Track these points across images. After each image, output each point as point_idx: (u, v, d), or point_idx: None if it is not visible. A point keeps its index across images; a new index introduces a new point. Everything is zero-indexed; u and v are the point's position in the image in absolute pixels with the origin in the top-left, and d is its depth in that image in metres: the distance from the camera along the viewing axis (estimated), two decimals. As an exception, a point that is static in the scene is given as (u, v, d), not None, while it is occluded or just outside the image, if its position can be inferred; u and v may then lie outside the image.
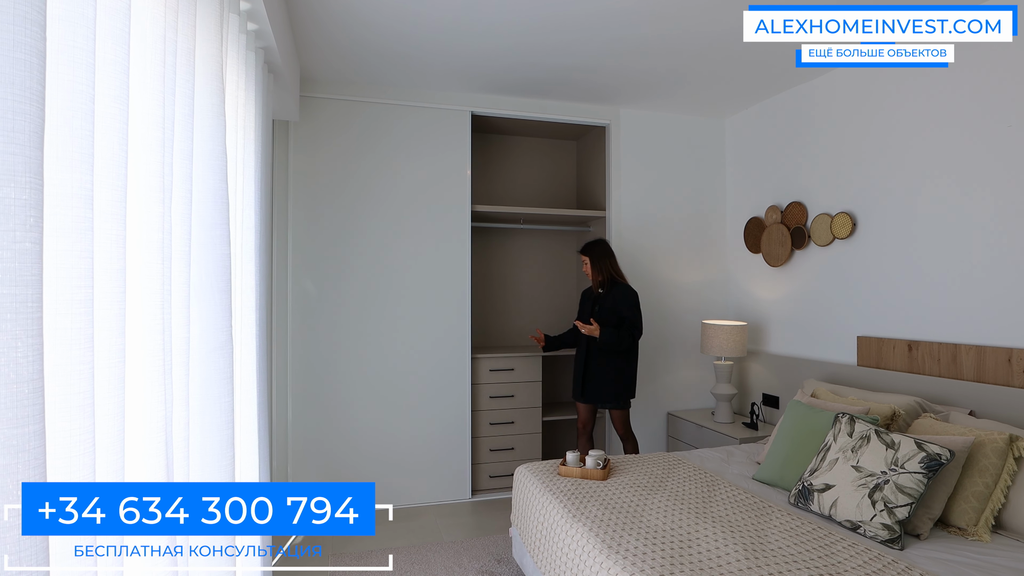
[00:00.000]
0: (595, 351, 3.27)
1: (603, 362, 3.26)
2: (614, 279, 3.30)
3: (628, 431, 3.37)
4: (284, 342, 3.41)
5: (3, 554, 0.60)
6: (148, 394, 1.01)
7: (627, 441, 3.39)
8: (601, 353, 3.25)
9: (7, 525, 0.58)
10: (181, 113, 1.23)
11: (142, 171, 1.02)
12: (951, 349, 2.58)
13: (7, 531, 0.59)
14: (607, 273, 3.30)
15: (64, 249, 0.73)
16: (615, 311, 3.22)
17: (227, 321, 1.48)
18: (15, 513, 0.59)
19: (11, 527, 0.59)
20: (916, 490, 1.87)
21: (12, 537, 0.60)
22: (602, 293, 3.31)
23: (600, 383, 3.27)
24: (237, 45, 1.82)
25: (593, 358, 3.28)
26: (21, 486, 0.60)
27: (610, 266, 3.31)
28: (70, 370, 0.74)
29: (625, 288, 3.27)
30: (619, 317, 3.21)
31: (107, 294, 0.86)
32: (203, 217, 1.41)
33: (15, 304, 0.60)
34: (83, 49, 0.77)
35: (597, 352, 3.26)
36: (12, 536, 0.60)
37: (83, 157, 0.77)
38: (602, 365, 3.26)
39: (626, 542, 1.85)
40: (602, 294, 3.31)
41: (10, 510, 0.58)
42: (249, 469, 1.93)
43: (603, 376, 3.26)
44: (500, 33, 2.83)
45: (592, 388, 3.30)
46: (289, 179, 3.43)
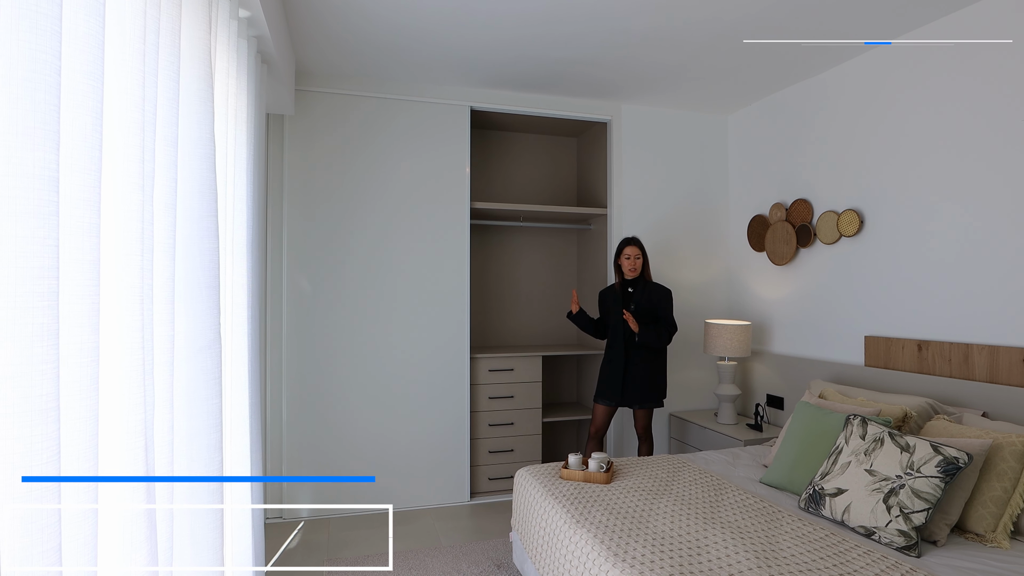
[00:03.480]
0: (634, 351, 3.21)
1: (643, 362, 3.21)
2: (645, 278, 3.29)
3: (649, 431, 3.32)
4: (279, 341, 3.33)
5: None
6: (126, 396, 0.94)
7: (645, 441, 3.33)
8: (638, 353, 3.20)
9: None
10: (164, 96, 1.16)
11: (120, 155, 0.94)
12: (963, 349, 2.52)
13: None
14: (647, 271, 3.30)
15: (24, 235, 0.66)
16: (651, 310, 3.21)
17: (215, 319, 1.40)
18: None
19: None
20: (933, 495, 1.81)
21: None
22: (632, 292, 3.27)
23: (642, 383, 3.21)
24: (228, 31, 1.74)
25: (633, 358, 3.22)
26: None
27: (648, 264, 3.31)
28: (31, 370, 0.67)
29: (661, 287, 3.27)
30: (654, 316, 3.21)
31: (78, 286, 0.79)
32: (189, 208, 1.33)
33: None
34: (48, 15, 0.70)
35: (635, 352, 3.21)
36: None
37: (47, 134, 0.69)
38: (641, 365, 3.21)
39: (633, 549, 1.78)
40: (632, 292, 3.27)
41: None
42: (240, 472, 1.85)
43: (644, 376, 3.21)
44: (500, 25, 2.76)
45: (633, 389, 3.22)
46: (284, 174, 3.35)
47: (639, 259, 3.25)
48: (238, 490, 1.86)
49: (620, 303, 3.29)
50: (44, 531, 0.67)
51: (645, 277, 3.29)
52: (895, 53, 2.87)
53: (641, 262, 3.25)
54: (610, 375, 3.27)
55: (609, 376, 3.28)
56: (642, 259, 3.26)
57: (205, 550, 1.36)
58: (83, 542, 0.80)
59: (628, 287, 3.30)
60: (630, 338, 3.22)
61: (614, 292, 3.34)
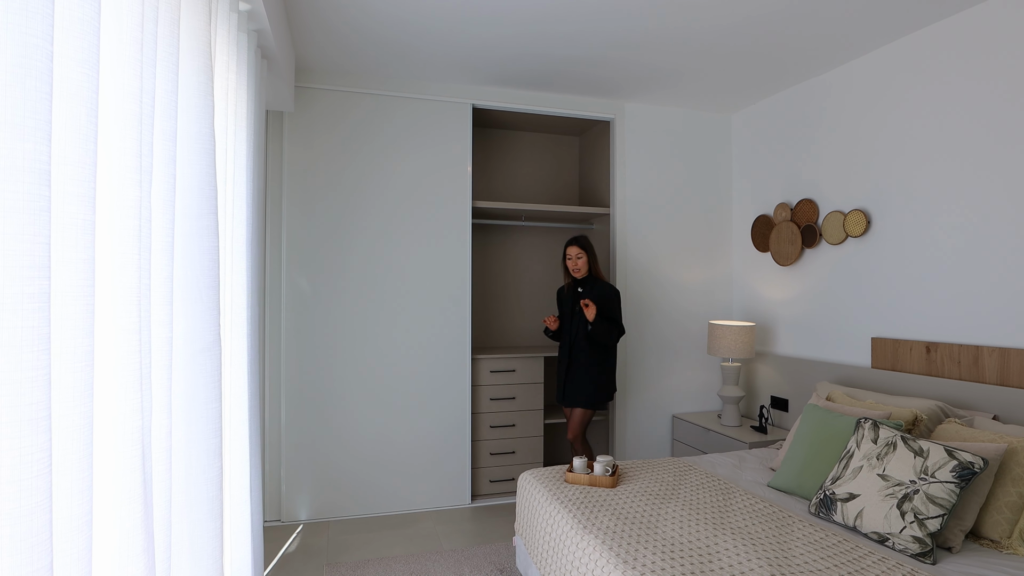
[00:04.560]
0: (578, 350, 3.20)
1: (587, 361, 3.18)
2: (595, 277, 3.24)
3: (582, 435, 3.25)
4: (278, 342, 3.28)
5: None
6: (122, 402, 0.89)
7: (580, 445, 3.25)
8: (583, 352, 3.18)
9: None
10: (163, 88, 1.11)
11: (116, 148, 0.90)
12: (972, 351, 2.48)
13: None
14: (594, 270, 3.25)
15: (12, 233, 0.61)
16: (599, 308, 3.14)
17: (215, 320, 1.36)
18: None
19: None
20: (948, 501, 1.77)
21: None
22: (582, 291, 3.23)
23: (582, 383, 3.18)
24: (228, 24, 1.70)
25: (577, 358, 3.20)
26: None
27: (596, 263, 3.26)
28: (20, 377, 0.62)
29: (610, 286, 3.21)
30: (602, 314, 3.13)
31: (71, 287, 0.74)
32: (188, 205, 1.28)
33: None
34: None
35: (580, 352, 3.19)
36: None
37: (37, 124, 0.64)
38: (585, 365, 3.18)
39: (642, 556, 1.74)
40: (582, 292, 3.23)
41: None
42: (240, 479, 1.80)
43: (586, 376, 3.18)
44: (503, 22, 2.71)
45: (572, 388, 3.21)
46: (283, 171, 3.30)
47: (581, 258, 3.21)
48: (238, 495, 1.81)
49: (569, 303, 3.29)
50: (34, 549, 0.63)
51: (595, 276, 3.24)
52: (901, 52, 2.83)
53: (585, 261, 3.21)
54: (557, 376, 3.32)
55: (557, 378, 3.33)
56: (586, 258, 3.22)
57: (205, 558, 1.32)
58: (77, 557, 0.75)
59: (578, 286, 3.27)
60: (576, 337, 3.20)
61: (567, 291, 3.33)
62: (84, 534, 0.76)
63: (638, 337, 3.87)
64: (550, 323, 3.26)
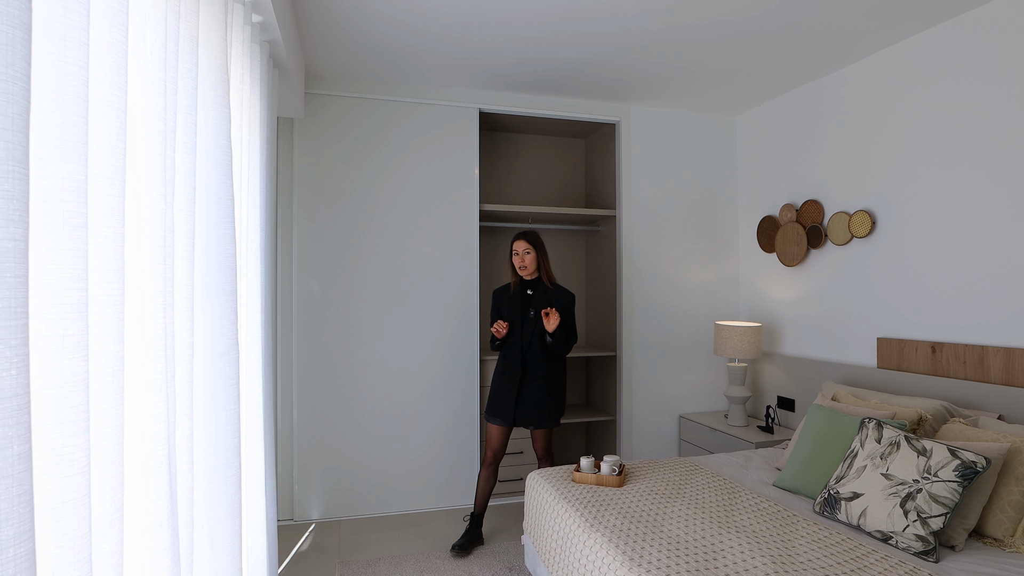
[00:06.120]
0: (532, 361, 2.88)
1: (542, 376, 2.88)
2: (547, 278, 2.95)
3: (549, 452, 2.98)
4: (289, 344, 3.34)
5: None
6: (149, 404, 0.94)
7: (546, 462, 3.00)
8: (538, 365, 2.88)
9: (4, 558, 0.51)
10: (184, 104, 1.16)
11: (142, 164, 0.95)
12: (977, 351, 2.50)
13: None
14: (543, 270, 2.94)
15: (54, 247, 0.66)
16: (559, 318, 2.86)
17: (233, 324, 1.41)
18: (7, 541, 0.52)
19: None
20: (951, 499, 1.79)
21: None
22: (533, 294, 2.94)
23: (538, 401, 2.87)
24: (242, 36, 1.75)
25: (531, 372, 2.88)
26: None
27: (546, 262, 2.95)
28: (61, 382, 0.67)
29: (565, 291, 2.93)
30: (562, 323, 2.88)
31: (104, 296, 0.79)
32: (207, 215, 1.33)
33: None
34: (76, 27, 0.70)
35: (534, 364, 2.88)
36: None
37: (75, 146, 0.69)
38: (540, 380, 2.87)
39: (648, 553, 1.77)
40: (533, 295, 2.94)
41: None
42: (255, 478, 1.85)
43: (541, 393, 2.87)
44: (509, 26, 2.76)
45: (527, 407, 2.88)
46: (294, 177, 3.36)
47: (530, 254, 2.88)
48: (254, 494, 1.86)
49: (519, 306, 2.95)
50: (76, 542, 0.68)
51: (548, 277, 2.94)
52: (907, 53, 2.85)
53: (533, 258, 2.89)
54: (503, 390, 2.92)
55: (501, 391, 2.92)
56: (535, 255, 2.89)
57: (224, 553, 1.37)
58: (110, 550, 0.80)
59: (527, 289, 2.97)
60: (529, 349, 2.88)
61: (509, 294, 3.00)
62: (116, 528, 0.81)
63: (645, 338, 3.90)
64: (499, 331, 2.84)
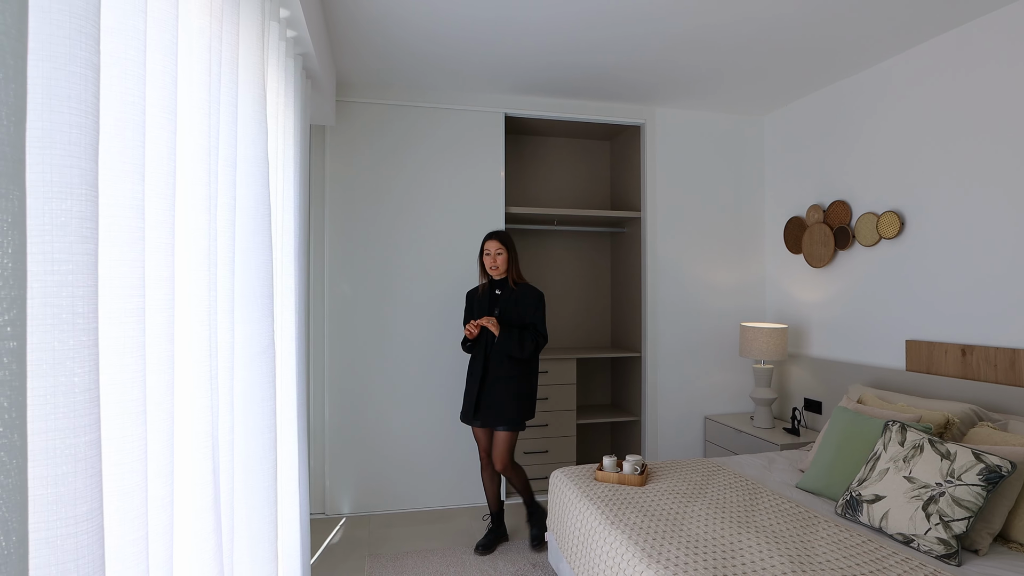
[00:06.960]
0: (494, 363, 2.88)
1: (505, 376, 2.86)
2: (515, 279, 2.95)
3: (511, 461, 2.89)
4: (321, 345, 3.46)
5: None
6: (196, 400, 1.03)
7: (512, 473, 2.90)
8: (501, 365, 2.86)
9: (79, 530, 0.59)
10: (226, 121, 1.25)
11: (189, 180, 1.03)
12: (1009, 354, 2.46)
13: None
14: (513, 271, 2.95)
15: (117, 259, 0.74)
16: (520, 314, 2.88)
17: (269, 326, 1.50)
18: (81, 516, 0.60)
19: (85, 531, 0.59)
20: (974, 503, 1.79)
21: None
22: (500, 294, 2.94)
23: (498, 401, 2.84)
24: (277, 53, 1.84)
25: (492, 372, 2.87)
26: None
27: (517, 263, 2.97)
28: (123, 379, 0.75)
29: (532, 289, 2.93)
30: (523, 321, 2.88)
31: (157, 302, 0.88)
32: (246, 223, 1.42)
33: (72, 316, 0.60)
34: (134, 61, 0.78)
35: (497, 364, 2.87)
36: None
37: (135, 168, 0.77)
38: (502, 381, 2.85)
39: (667, 551, 1.81)
40: (500, 295, 2.94)
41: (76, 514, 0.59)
42: (289, 472, 1.95)
43: (502, 393, 2.84)
44: (534, 31, 2.81)
45: (487, 407, 2.86)
46: (325, 184, 3.47)
47: (501, 255, 2.89)
48: (289, 487, 1.96)
49: (487, 306, 2.96)
50: (135, 521, 0.76)
51: (514, 277, 2.94)
52: (937, 50, 2.81)
53: (504, 259, 2.89)
54: (468, 389, 2.97)
55: (467, 391, 2.97)
56: (506, 255, 2.90)
57: (261, 541, 1.46)
58: (162, 532, 0.88)
59: (496, 289, 2.97)
60: (491, 347, 2.88)
61: (479, 293, 3.02)
62: (167, 511, 0.90)
63: (670, 339, 3.91)
64: (471, 331, 2.86)
